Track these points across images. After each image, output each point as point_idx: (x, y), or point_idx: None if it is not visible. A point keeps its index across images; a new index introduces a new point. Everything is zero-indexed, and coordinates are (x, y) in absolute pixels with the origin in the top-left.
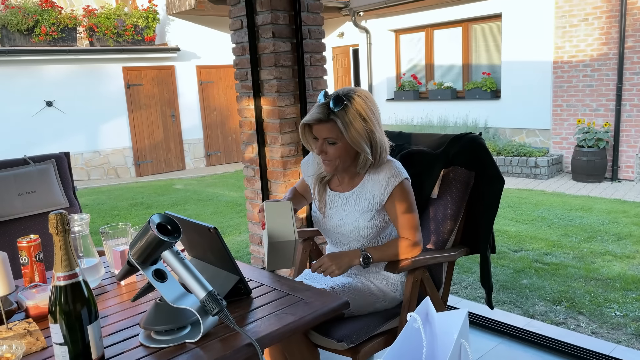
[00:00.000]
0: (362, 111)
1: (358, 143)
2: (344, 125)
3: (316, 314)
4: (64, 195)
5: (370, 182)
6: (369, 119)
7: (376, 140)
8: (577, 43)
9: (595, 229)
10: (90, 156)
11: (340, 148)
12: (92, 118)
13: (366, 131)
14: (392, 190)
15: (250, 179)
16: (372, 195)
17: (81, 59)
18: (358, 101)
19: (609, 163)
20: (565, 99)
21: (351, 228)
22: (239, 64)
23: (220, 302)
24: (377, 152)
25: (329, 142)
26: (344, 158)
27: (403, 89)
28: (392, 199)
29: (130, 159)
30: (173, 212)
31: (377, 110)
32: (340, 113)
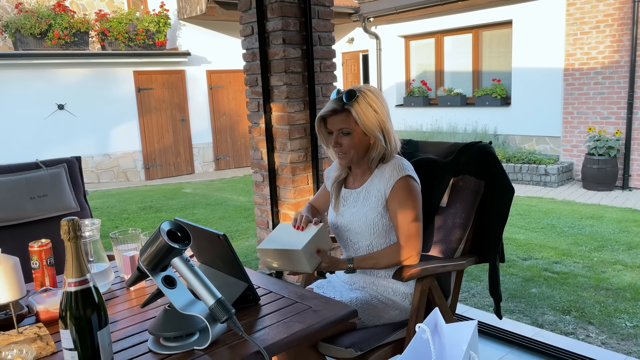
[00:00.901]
0: (372, 103)
1: (372, 131)
2: (357, 114)
3: (324, 323)
4: (75, 200)
5: (377, 176)
6: (380, 110)
7: (388, 129)
8: (589, 50)
9: (606, 238)
10: (101, 159)
11: (354, 138)
12: (102, 121)
13: (378, 121)
14: (394, 183)
15: (259, 185)
16: (379, 189)
17: (93, 63)
18: (369, 95)
19: (620, 171)
20: (576, 107)
21: (359, 224)
22: (249, 70)
23: (229, 310)
24: (391, 141)
25: (343, 133)
26: (358, 149)
27: (412, 95)
28: (393, 194)
29: (140, 162)
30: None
31: (386, 105)
32: (354, 103)
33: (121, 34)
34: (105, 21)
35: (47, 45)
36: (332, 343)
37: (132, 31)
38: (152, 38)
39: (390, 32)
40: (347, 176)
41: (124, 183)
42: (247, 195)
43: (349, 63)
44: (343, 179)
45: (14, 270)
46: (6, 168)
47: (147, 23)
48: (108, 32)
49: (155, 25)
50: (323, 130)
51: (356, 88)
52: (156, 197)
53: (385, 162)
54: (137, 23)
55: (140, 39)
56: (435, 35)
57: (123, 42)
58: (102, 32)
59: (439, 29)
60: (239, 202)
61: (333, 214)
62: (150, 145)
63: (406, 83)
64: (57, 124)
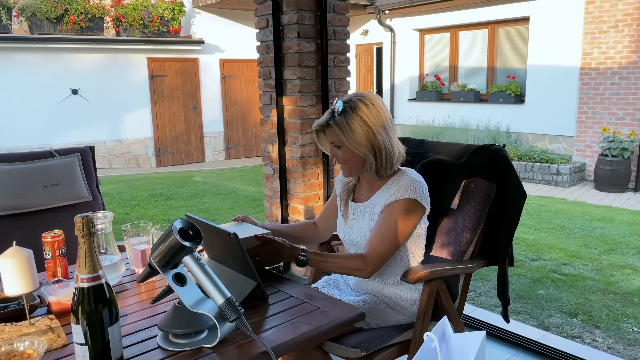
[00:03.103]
0: (363, 116)
1: (359, 147)
2: (341, 131)
3: (332, 325)
4: (88, 189)
5: (383, 191)
6: (371, 122)
7: (379, 144)
8: (606, 50)
9: (616, 241)
10: (113, 145)
11: (346, 151)
12: (115, 107)
13: (367, 135)
14: (396, 200)
15: (269, 178)
16: (381, 205)
17: (107, 49)
18: (361, 107)
19: (633, 173)
20: (591, 107)
21: (365, 239)
22: (263, 63)
23: (238, 309)
24: (382, 157)
25: (336, 146)
26: (354, 161)
27: (425, 89)
28: (389, 207)
29: (151, 149)
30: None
31: (383, 115)
32: (339, 119)
33: (136, 20)
34: (121, 7)
35: (63, 30)
36: (337, 342)
37: (147, 18)
38: (166, 25)
39: (405, 25)
40: (356, 188)
41: (135, 169)
42: (256, 186)
43: (363, 55)
44: (352, 188)
45: (28, 263)
46: (20, 156)
47: (162, 10)
48: (123, 18)
49: (170, 12)
50: (322, 138)
51: (347, 99)
52: (166, 185)
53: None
54: (152, 10)
55: (155, 25)
56: (451, 30)
57: (137, 29)
58: (117, 18)
59: (455, 23)
60: (249, 193)
61: (342, 223)
62: (162, 133)
63: (419, 77)
64: (71, 108)
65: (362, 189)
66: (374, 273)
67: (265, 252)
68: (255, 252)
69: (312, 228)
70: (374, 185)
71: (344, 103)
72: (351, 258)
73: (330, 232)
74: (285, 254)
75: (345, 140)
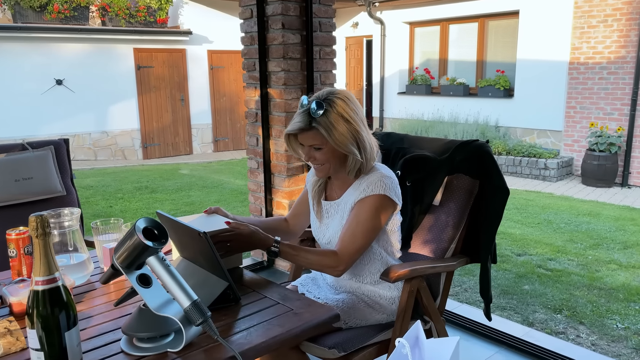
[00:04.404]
0: (344, 113)
1: (344, 146)
2: (326, 131)
3: (305, 327)
4: (61, 183)
5: (354, 188)
6: (352, 119)
7: (363, 139)
8: (595, 44)
9: (602, 236)
10: (98, 136)
11: (327, 152)
12: (101, 98)
13: (351, 132)
14: (366, 196)
15: (254, 171)
16: (351, 202)
17: (92, 39)
18: (339, 103)
19: (620, 168)
20: (579, 101)
21: (336, 237)
22: (247, 54)
23: (204, 313)
24: (367, 152)
25: (315, 148)
26: (333, 161)
27: (415, 82)
28: (360, 203)
29: (138, 141)
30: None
31: (359, 110)
32: (322, 119)
33: (122, 9)
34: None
35: (47, 19)
36: (315, 342)
37: (133, 7)
38: (153, 15)
39: (395, 17)
40: (327, 185)
41: (121, 161)
42: (244, 179)
43: (353, 48)
44: (323, 186)
45: None
46: None
47: (149, 0)
48: (109, 7)
49: (157, 2)
50: (294, 142)
51: (323, 97)
52: (152, 177)
53: (366, 171)
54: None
55: (142, 15)
56: (441, 23)
57: (124, 19)
58: (103, 7)
59: (445, 16)
60: (236, 186)
61: (316, 223)
62: (148, 124)
63: (409, 70)
64: (55, 99)
65: (334, 187)
66: (345, 271)
67: (237, 239)
68: (227, 238)
69: (283, 224)
70: (345, 182)
71: (321, 102)
72: (324, 255)
73: (302, 229)
74: (258, 242)
75: (331, 140)
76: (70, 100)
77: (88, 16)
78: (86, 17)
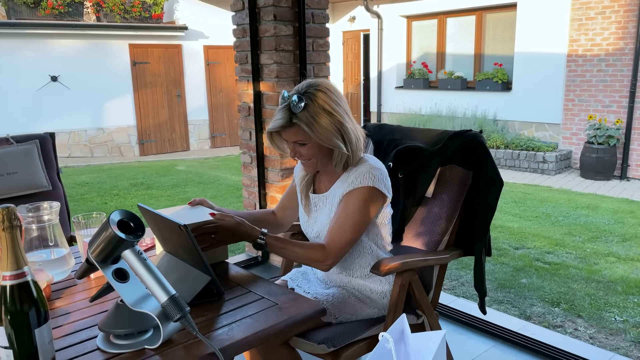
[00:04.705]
0: (325, 105)
1: (328, 139)
2: (308, 126)
3: (289, 322)
4: (47, 178)
5: (342, 180)
6: (335, 111)
7: (348, 131)
8: (593, 36)
9: (600, 229)
10: (94, 133)
11: (313, 147)
12: (97, 95)
13: (334, 125)
14: (355, 189)
15: (247, 166)
16: (340, 194)
17: (87, 35)
18: (319, 96)
19: (619, 161)
20: (578, 94)
21: (324, 231)
22: (239, 47)
23: (182, 308)
24: (353, 144)
25: (300, 144)
26: (320, 156)
27: (413, 77)
28: (348, 196)
29: (134, 137)
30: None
31: (342, 101)
32: (303, 114)
33: (117, 5)
34: None
35: (41, 15)
36: (304, 338)
37: (128, 3)
38: (148, 10)
39: (392, 11)
40: (315, 179)
41: (117, 158)
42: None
43: (350, 42)
44: (311, 179)
45: None
46: None
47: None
48: (103, 3)
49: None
50: (277, 139)
51: (303, 91)
52: (148, 174)
53: (354, 163)
54: None
55: (137, 11)
56: (438, 17)
57: (119, 14)
58: (97, 3)
59: (442, 10)
60: (232, 181)
61: (305, 217)
62: (145, 121)
63: (407, 64)
64: (50, 96)
65: (322, 179)
66: (333, 266)
67: (222, 230)
68: (211, 230)
69: (271, 217)
70: (333, 175)
71: (301, 96)
72: (311, 248)
73: (289, 222)
74: (243, 233)
75: (314, 135)
76: (66, 97)
77: (82, 12)
78: (80, 13)
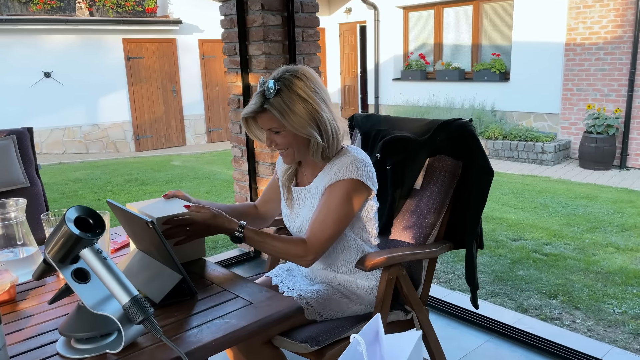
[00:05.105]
0: (300, 92)
1: (302, 128)
2: (280, 113)
3: (263, 322)
4: (24, 174)
5: (325, 172)
6: (311, 98)
7: (324, 120)
8: (591, 25)
9: (599, 219)
10: (89, 129)
11: (287, 136)
12: (91, 90)
13: (309, 113)
14: (337, 181)
15: (238, 160)
16: (322, 187)
17: (80, 30)
18: (295, 82)
19: (618, 150)
20: (576, 83)
21: (307, 225)
22: (227, 38)
23: (145, 309)
24: (330, 135)
25: (274, 132)
26: (297, 145)
27: (410, 68)
28: (330, 189)
29: (130, 133)
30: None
31: (320, 88)
32: (275, 100)
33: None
34: None
35: (32, 10)
36: (287, 336)
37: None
38: (141, 5)
39: (388, 2)
40: (298, 171)
41: (113, 154)
42: None
43: (346, 34)
44: (294, 172)
45: None
46: None
47: None
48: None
49: None
50: (253, 126)
51: (278, 76)
52: (143, 170)
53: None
54: None
55: (130, 5)
56: (435, 7)
57: (111, 9)
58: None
59: (439, 0)
60: (227, 176)
61: (287, 211)
62: (140, 116)
63: (404, 56)
64: (44, 92)
65: (305, 172)
66: (314, 261)
67: (197, 223)
68: (185, 222)
69: (253, 210)
70: (316, 167)
71: (275, 81)
72: (292, 243)
73: (272, 216)
74: (220, 225)
75: (287, 123)
76: (59, 93)
77: (75, 7)
78: (73, 8)
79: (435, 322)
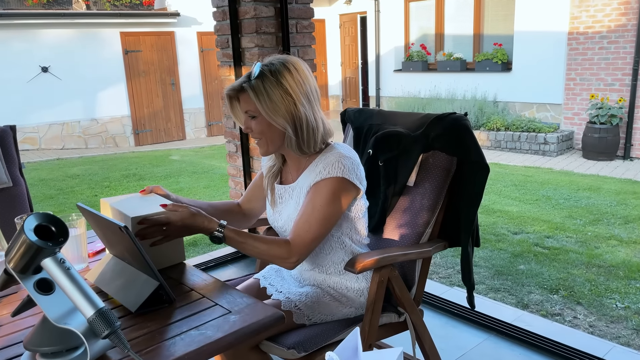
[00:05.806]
0: (283, 81)
1: (275, 117)
2: (256, 95)
3: (240, 333)
4: (7, 173)
5: (310, 170)
6: (292, 90)
7: (300, 116)
8: (595, 13)
9: (602, 211)
10: (88, 124)
11: (262, 123)
12: (89, 85)
13: (286, 104)
14: (322, 180)
15: (232, 155)
16: (307, 185)
17: (77, 23)
18: (282, 71)
19: (622, 141)
20: (579, 73)
21: (290, 225)
22: (220, 30)
23: (112, 323)
24: (304, 132)
25: (250, 116)
26: (271, 136)
27: (411, 59)
28: (315, 187)
29: (129, 127)
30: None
31: (307, 84)
32: (256, 82)
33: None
34: None
35: (29, 5)
36: (274, 342)
37: None
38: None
39: None
40: (283, 169)
41: (112, 149)
42: None
43: (347, 25)
44: (278, 170)
45: None
46: None
47: None
48: None
49: None
50: (235, 106)
51: (267, 62)
52: (142, 164)
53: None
54: None
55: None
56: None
57: (108, 2)
58: None
59: None
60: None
61: (270, 210)
62: (139, 110)
63: (405, 47)
64: (42, 87)
65: (289, 170)
66: (298, 264)
67: (174, 222)
68: (161, 221)
69: (236, 209)
70: (301, 165)
71: (263, 65)
72: (275, 244)
73: (255, 216)
74: (199, 225)
75: (261, 108)
76: (57, 88)
77: (71, 0)
78: (69, 2)
79: (432, 320)
